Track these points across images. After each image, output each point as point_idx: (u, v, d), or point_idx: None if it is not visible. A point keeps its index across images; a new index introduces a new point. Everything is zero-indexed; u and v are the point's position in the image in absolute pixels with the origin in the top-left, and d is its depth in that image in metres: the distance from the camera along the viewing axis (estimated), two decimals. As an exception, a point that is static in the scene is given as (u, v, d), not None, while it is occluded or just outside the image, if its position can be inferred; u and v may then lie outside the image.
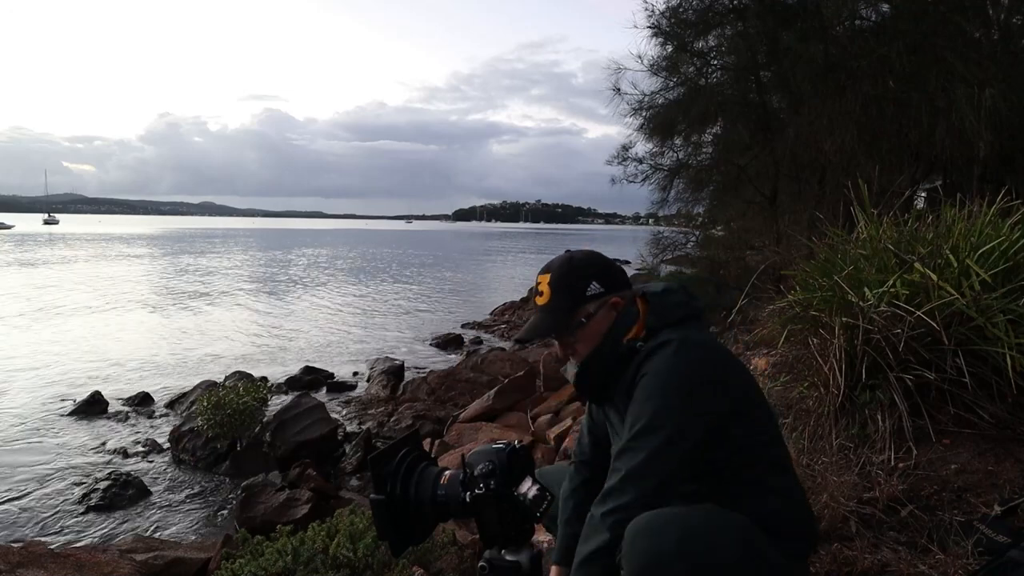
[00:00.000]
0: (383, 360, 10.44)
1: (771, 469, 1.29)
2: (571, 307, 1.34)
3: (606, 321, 1.35)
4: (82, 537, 4.92)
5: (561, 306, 1.34)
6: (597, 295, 1.34)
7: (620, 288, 1.38)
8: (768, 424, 1.32)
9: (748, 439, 1.26)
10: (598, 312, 1.34)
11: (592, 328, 1.35)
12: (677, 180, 8.66)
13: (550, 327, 1.36)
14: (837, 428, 2.53)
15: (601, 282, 1.35)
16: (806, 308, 2.91)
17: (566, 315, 1.34)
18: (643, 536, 1.13)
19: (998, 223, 2.73)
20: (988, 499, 2.04)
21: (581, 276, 1.35)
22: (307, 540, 2.07)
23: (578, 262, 1.38)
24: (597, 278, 1.36)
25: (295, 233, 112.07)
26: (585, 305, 1.34)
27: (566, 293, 1.35)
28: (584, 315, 1.34)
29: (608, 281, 1.36)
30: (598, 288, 1.35)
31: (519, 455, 1.26)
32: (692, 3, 7.30)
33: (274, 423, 6.51)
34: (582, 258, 1.40)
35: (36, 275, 24.96)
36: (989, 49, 5.47)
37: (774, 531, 1.23)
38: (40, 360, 10.57)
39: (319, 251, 48.37)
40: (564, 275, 1.36)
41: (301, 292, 21.80)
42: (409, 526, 1.25)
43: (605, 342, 1.34)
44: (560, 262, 1.38)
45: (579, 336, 1.35)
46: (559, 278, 1.36)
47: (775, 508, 1.25)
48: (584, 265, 1.38)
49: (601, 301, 1.35)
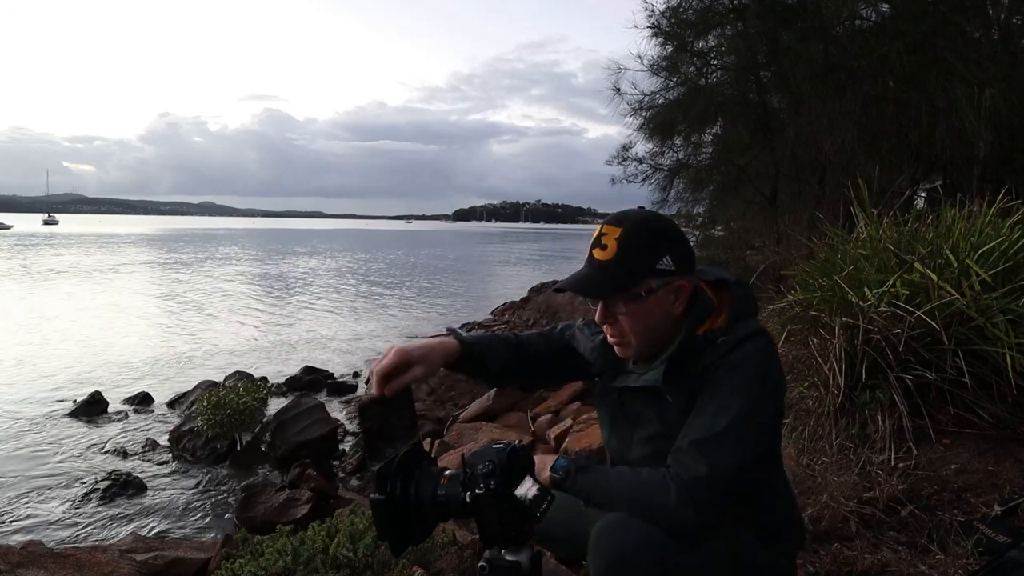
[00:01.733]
0: (383, 360, 10.44)
1: (775, 470, 1.29)
2: (636, 275, 1.16)
3: (664, 303, 1.18)
4: (82, 537, 4.92)
5: (625, 269, 1.16)
6: (666, 271, 1.17)
7: (688, 271, 1.21)
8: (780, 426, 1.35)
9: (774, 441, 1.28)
10: (660, 290, 1.17)
11: (648, 305, 1.17)
12: (677, 180, 8.65)
13: (605, 288, 1.18)
14: (837, 428, 2.53)
15: (674, 258, 1.17)
16: (806, 308, 2.91)
17: (627, 281, 1.16)
18: (606, 534, 1.12)
19: (998, 223, 2.73)
20: (988, 499, 2.04)
21: (657, 244, 1.17)
22: (307, 540, 2.07)
23: (657, 225, 1.21)
24: (672, 252, 1.17)
25: (295, 234, 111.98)
26: (649, 278, 1.16)
27: (636, 257, 1.16)
28: (645, 288, 1.16)
29: (681, 259, 1.18)
30: (669, 264, 1.16)
31: (519, 455, 1.26)
32: (692, 3, 7.30)
33: (274, 423, 6.51)
34: (662, 223, 1.23)
35: (36, 275, 24.96)
36: (989, 49, 5.47)
37: (774, 530, 1.24)
38: (40, 360, 10.57)
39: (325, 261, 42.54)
40: (640, 236, 1.17)
41: (301, 292, 21.80)
42: (409, 526, 1.25)
43: (687, 337, 1.19)
44: (638, 219, 1.19)
45: (629, 310, 1.18)
46: (633, 237, 1.16)
47: (777, 507, 1.26)
48: (664, 232, 1.20)
49: (667, 280, 1.17)
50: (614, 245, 1.17)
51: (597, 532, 1.13)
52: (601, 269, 1.18)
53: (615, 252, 1.16)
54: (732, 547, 1.17)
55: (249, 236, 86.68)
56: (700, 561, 1.11)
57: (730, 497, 1.10)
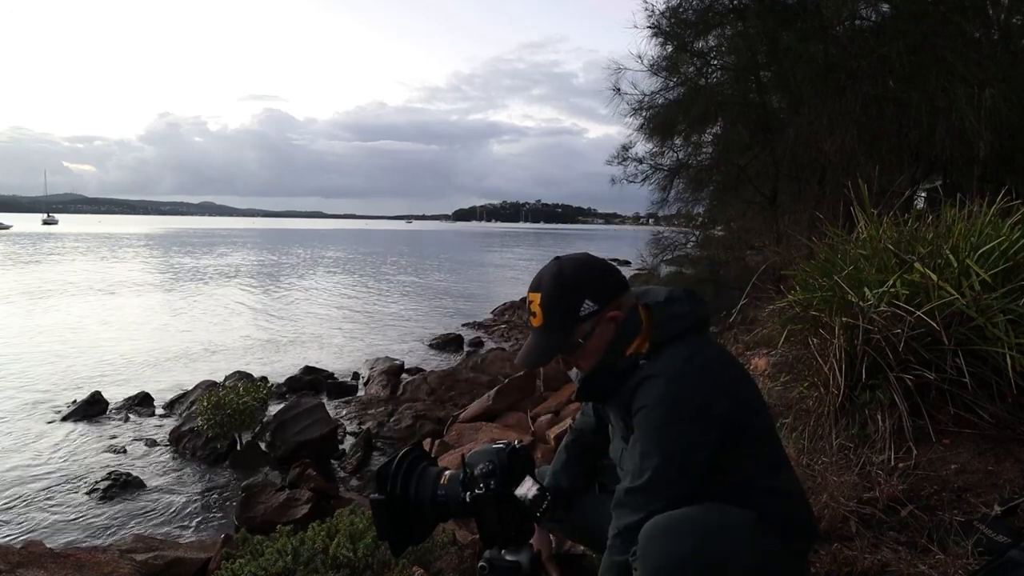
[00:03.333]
0: (383, 360, 10.44)
1: (771, 471, 1.30)
2: (566, 329, 1.28)
3: (606, 335, 1.30)
4: (82, 537, 4.92)
5: (556, 328, 1.29)
6: (592, 313, 1.27)
7: (616, 296, 1.30)
8: (768, 431, 1.34)
9: (750, 448, 1.28)
10: (595, 329, 1.29)
11: (591, 345, 1.29)
12: (677, 180, 8.65)
13: (546, 352, 1.31)
14: (837, 428, 2.53)
15: (595, 298, 1.28)
16: (806, 308, 2.91)
17: (562, 337, 1.29)
18: (659, 538, 1.14)
19: (998, 223, 2.73)
20: (988, 499, 2.04)
21: (573, 295, 1.28)
22: (307, 540, 2.07)
23: (568, 279, 1.29)
24: (590, 294, 1.28)
25: (295, 234, 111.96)
26: (580, 325, 1.28)
27: (559, 315, 1.28)
28: (581, 335, 1.28)
29: (602, 295, 1.29)
30: (592, 306, 1.27)
31: (519, 455, 1.26)
32: (692, 3, 7.29)
33: (274, 423, 6.51)
34: (572, 273, 1.30)
35: (35, 275, 24.95)
36: (989, 49, 5.46)
37: (779, 530, 1.24)
38: (40, 360, 10.57)
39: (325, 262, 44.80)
40: (555, 297, 1.28)
41: (301, 292, 21.80)
42: (409, 526, 1.25)
43: (607, 356, 1.30)
44: (549, 279, 1.30)
45: (579, 355, 1.31)
46: (550, 300, 1.28)
47: (776, 509, 1.26)
48: (574, 282, 1.29)
49: (597, 318, 1.28)
50: (540, 312, 1.30)
51: (651, 531, 1.16)
52: (539, 335, 1.31)
53: (542, 319, 1.30)
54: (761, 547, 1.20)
55: (249, 236, 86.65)
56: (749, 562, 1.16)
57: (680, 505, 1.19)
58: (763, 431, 1.31)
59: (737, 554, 1.15)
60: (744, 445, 1.26)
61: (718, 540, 1.14)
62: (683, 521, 1.15)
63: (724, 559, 1.13)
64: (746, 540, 1.17)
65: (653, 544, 1.14)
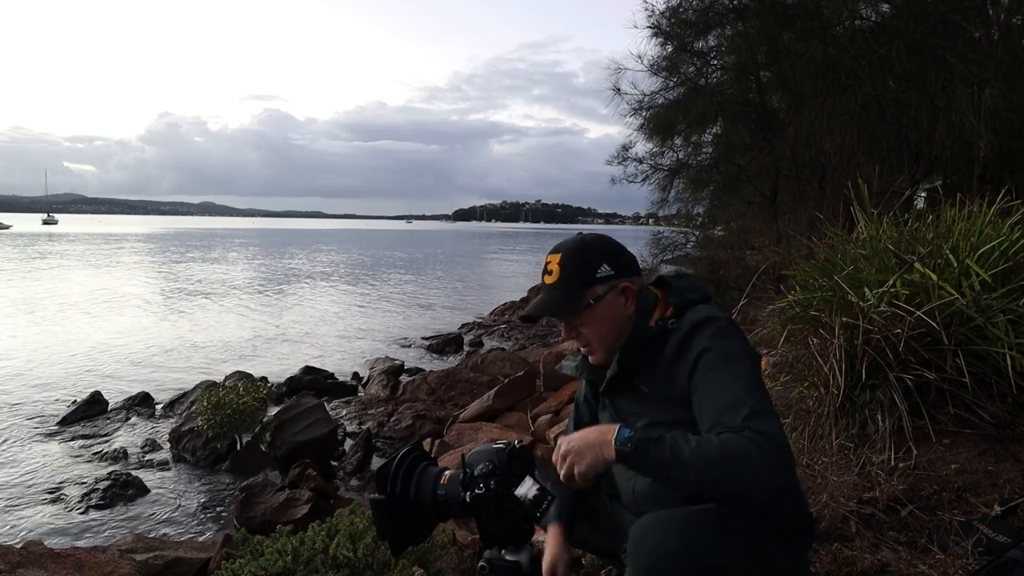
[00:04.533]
0: (383, 360, 10.44)
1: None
2: (580, 287, 1.32)
3: (614, 305, 1.33)
4: (82, 537, 4.92)
5: (570, 285, 1.32)
6: (607, 277, 1.32)
7: (630, 274, 1.36)
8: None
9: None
10: (607, 295, 1.32)
11: (600, 311, 1.33)
12: (677, 180, 8.66)
13: (558, 306, 1.34)
14: (837, 428, 2.53)
15: (612, 265, 1.33)
16: (806, 308, 2.91)
17: (574, 295, 1.32)
18: (649, 536, 1.14)
19: (998, 223, 2.73)
20: (988, 499, 2.04)
21: (592, 257, 1.33)
22: (307, 540, 2.07)
23: (590, 243, 1.36)
24: (608, 261, 1.33)
25: (295, 234, 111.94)
26: (594, 286, 1.32)
27: (576, 273, 1.33)
28: (592, 296, 1.32)
29: (619, 265, 1.35)
30: (608, 270, 1.33)
31: (519, 455, 1.26)
32: (692, 3, 7.29)
33: (274, 423, 6.50)
34: (594, 240, 1.38)
35: (35, 275, 24.95)
36: (989, 49, 5.46)
37: (785, 529, 1.24)
38: (40, 360, 10.57)
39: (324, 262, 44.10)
40: (575, 255, 1.34)
41: (301, 293, 21.80)
42: (409, 526, 1.25)
43: (635, 327, 1.32)
44: (572, 242, 1.37)
45: (585, 318, 1.33)
46: (570, 257, 1.34)
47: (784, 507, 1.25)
48: (596, 247, 1.36)
49: (611, 284, 1.33)
50: (557, 268, 1.34)
51: (641, 529, 1.15)
52: (552, 290, 1.34)
53: (559, 274, 1.33)
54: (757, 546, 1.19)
55: (249, 236, 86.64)
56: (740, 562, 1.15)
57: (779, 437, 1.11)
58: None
59: (728, 555, 1.14)
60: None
61: (710, 540, 1.13)
62: (674, 519, 1.15)
63: (719, 560, 1.13)
64: (738, 541, 1.16)
65: (644, 542, 1.13)
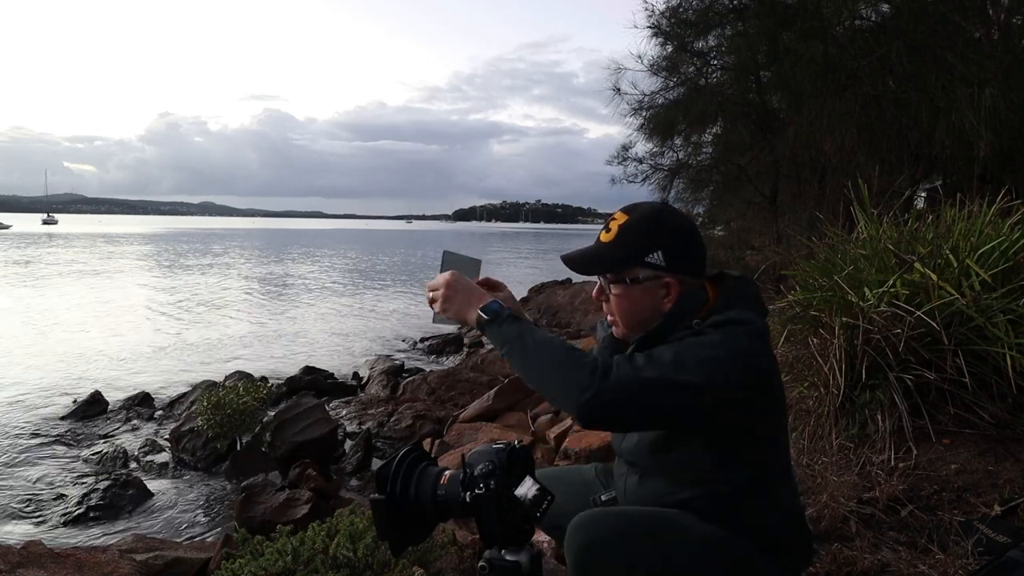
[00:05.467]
0: (383, 360, 10.43)
1: (775, 479, 1.25)
2: (623, 263, 1.23)
3: (650, 295, 1.22)
4: (82, 537, 4.91)
5: (615, 255, 1.23)
6: (655, 265, 1.21)
7: (683, 272, 1.22)
8: (782, 435, 1.27)
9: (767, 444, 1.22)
10: (647, 282, 1.22)
11: (634, 293, 1.23)
12: (677, 180, 8.67)
13: (594, 266, 1.26)
14: (837, 428, 2.53)
15: (667, 255, 1.20)
16: (806, 308, 2.91)
17: (615, 264, 1.24)
18: (581, 527, 1.15)
19: (998, 223, 2.74)
20: (988, 499, 2.04)
21: (652, 238, 1.21)
22: (307, 540, 2.07)
23: (660, 221, 1.23)
24: (666, 249, 1.20)
25: (295, 234, 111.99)
26: (637, 268, 1.22)
27: (626, 246, 1.23)
28: (631, 276, 1.22)
29: (675, 258, 1.21)
30: (659, 259, 1.20)
31: (519, 455, 1.26)
32: (692, 3, 7.30)
33: (274, 423, 6.50)
34: (668, 219, 1.24)
35: (34, 276, 24.95)
36: (989, 49, 5.46)
37: (773, 544, 1.19)
38: (40, 360, 10.56)
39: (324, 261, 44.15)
40: (636, 226, 1.23)
41: (301, 293, 21.80)
42: (409, 526, 1.25)
43: (661, 325, 1.20)
44: (645, 212, 1.25)
45: (617, 292, 1.25)
46: (631, 226, 1.23)
47: (776, 522, 1.22)
48: (662, 229, 1.22)
49: (655, 274, 1.21)
50: (616, 230, 1.24)
51: (572, 525, 1.16)
52: (599, 249, 1.26)
53: (614, 237, 1.24)
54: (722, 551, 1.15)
55: (249, 236, 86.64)
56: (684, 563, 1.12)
57: (629, 412, 1.08)
58: (779, 432, 1.25)
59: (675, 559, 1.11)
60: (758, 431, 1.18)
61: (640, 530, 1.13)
62: (607, 513, 1.16)
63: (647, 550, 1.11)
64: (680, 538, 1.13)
65: (576, 533, 1.14)
